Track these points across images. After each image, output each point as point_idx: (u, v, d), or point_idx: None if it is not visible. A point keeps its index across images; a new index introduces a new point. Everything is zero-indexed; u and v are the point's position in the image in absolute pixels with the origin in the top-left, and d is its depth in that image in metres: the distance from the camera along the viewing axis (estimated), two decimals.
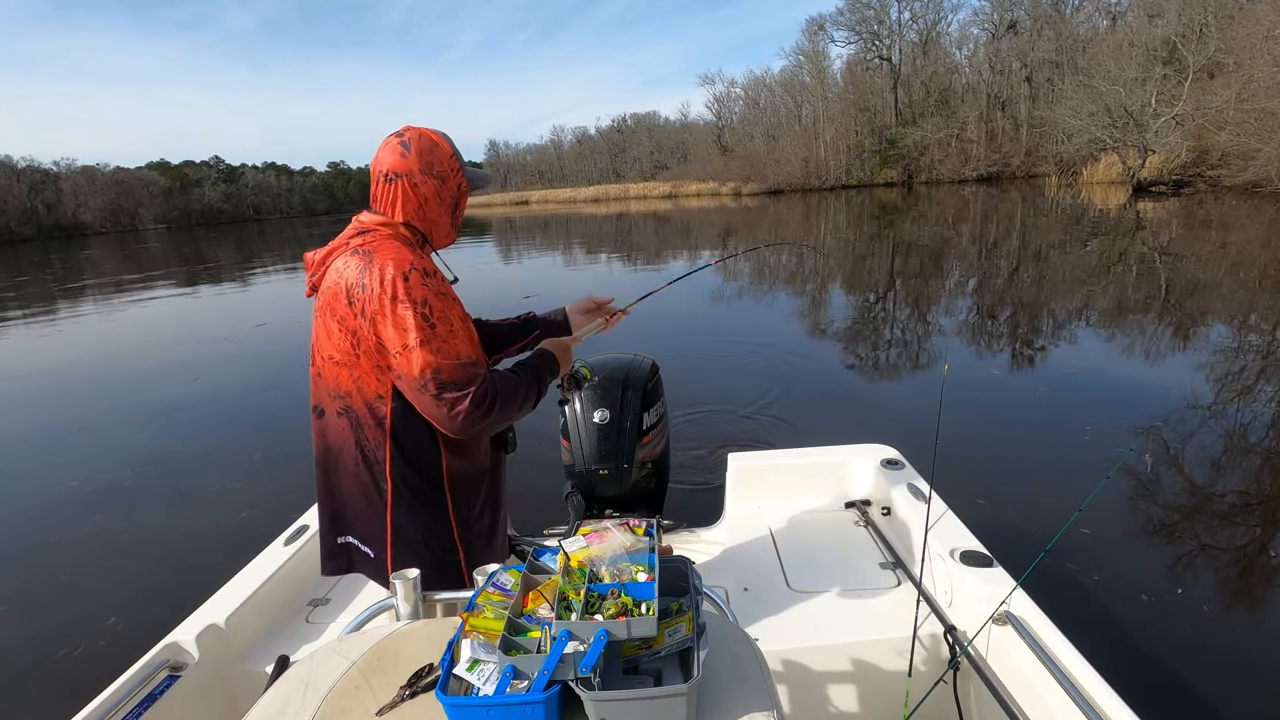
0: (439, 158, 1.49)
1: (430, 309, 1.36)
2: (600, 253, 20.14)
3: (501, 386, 1.43)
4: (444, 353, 1.36)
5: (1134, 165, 26.96)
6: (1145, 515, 3.63)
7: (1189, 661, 2.60)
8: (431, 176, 1.48)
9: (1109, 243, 14.33)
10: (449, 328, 1.39)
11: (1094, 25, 42.15)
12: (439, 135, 1.52)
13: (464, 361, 1.39)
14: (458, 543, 1.58)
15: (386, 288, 1.35)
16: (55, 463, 5.74)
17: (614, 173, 77.69)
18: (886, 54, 50.76)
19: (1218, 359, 6.27)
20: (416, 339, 1.34)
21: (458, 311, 1.46)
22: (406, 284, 1.35)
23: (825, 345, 7.98)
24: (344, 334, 1.41)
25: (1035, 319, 8.59)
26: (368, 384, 1.44)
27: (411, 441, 1.48)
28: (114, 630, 3.27)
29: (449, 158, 1.51)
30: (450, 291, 1.47)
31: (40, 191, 75.33)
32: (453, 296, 1.46)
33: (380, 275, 1.36)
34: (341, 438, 1.51)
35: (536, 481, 3.30)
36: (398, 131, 1.50)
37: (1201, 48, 27.09)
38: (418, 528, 1.54)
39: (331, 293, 1.43)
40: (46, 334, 12.76)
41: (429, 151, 1.48)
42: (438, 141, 1.50)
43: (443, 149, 1.50)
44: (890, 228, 21.61)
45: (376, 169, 1.49)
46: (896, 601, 2.07)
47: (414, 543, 1.55)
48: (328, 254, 1.49)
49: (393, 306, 1.35)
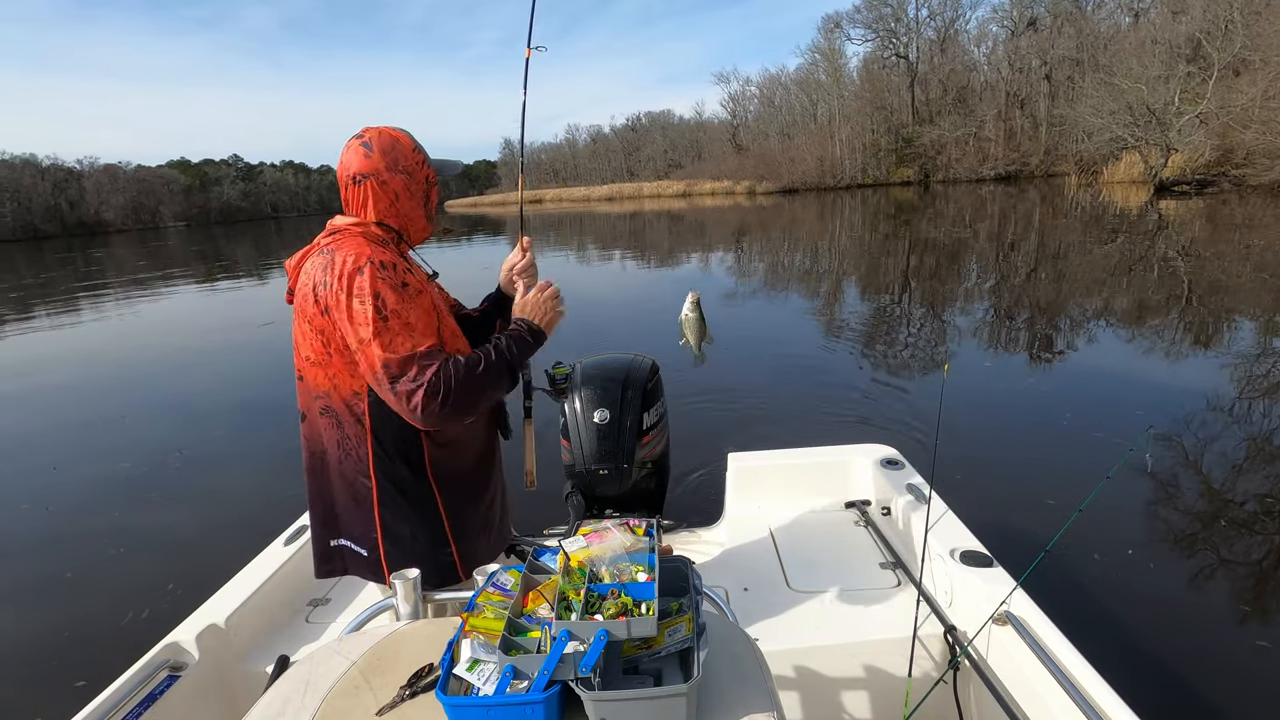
0: (402, 153, 1.50)
1: (384, 302, 1.36)
2: (614, 251, 20.14)
3: (458, 373, 1.38)
4: (394, 346, 1.35)
5: (1156, 164, 26.54)
6: (1146, 515, 3.61)
7: (1189, 661, 2.58)
8: (398, 172, 1.49)
9: (1127, 243, 14.13)
10: (403, 320, 1.37)
11: (1116, 22, 41.56)
12: (399, 131, 1.53)
13: (415, 353, 1.36)
14: (450, 537, 1.56)
15: (343, 283, 1.36)
16: (80, 454, 5.84)
17: (628, 171, 77.63)
18: (903, 52, 50.33)
19: (1227, 361, 6.19)
20: (370, 333, 1.34)
21: (423, 304, 1.42)
22: (361, 278, 1.36)
23: (826, 345, 7.95)
24: (315, 333, 1.43)
25: (1038, 319, 8.53)
26: (343, 381, 1.45)
27: (391, 436, 1.47)
28: (134, 619, 3.32)
29: (412, 151, 1.51)
30: (416, 283, 1.44)
31: (64, 189, 76.63)
32: (417, 289, 1.43)
33: (339, 271, 1.37)
34: (326, 438, 1.51)
35: (536, 481, 3.31)
36: (358, 134, 1.51)
37: (1227, 44, 26.59)
38: (406, 524, 1.53)
39: (302, 294, 1.45)
40: (64, 328, 12.99)
41: (391, 149, 1.49)
42: (398, 137, 1.51)
43: (404, 144, 1.51)
44: (905, 227, 21.45)
45: (343, 173, 1.50)
46: (896, 601, 2.06)
47: (404, 540, 1.54)
48: (302, 257, 1.50)
49: (348, 302, 1.36)
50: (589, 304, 10.88)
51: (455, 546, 1.56)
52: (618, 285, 13.09)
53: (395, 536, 1.53)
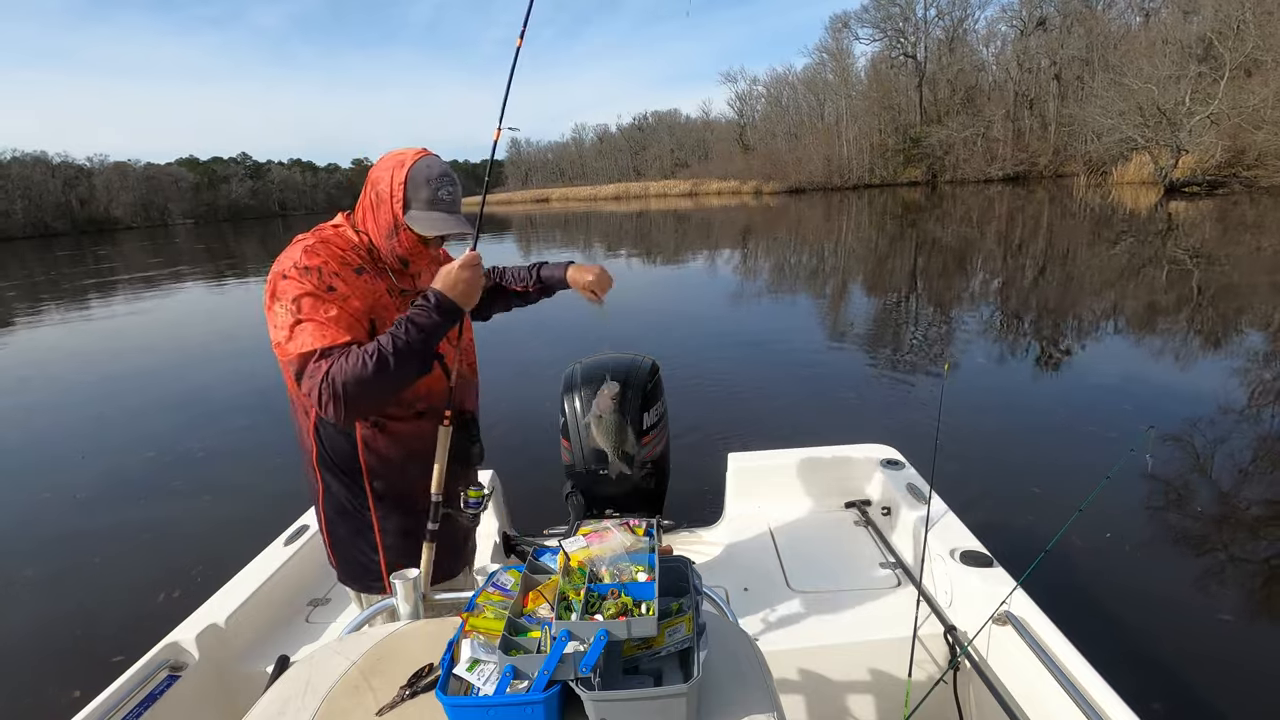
0: (385, 176, 1.44)
1: (300, 305, 1.34)
2: (619, 250, 20.14)
3: (353, 365, 1.31)
4: (301, 344, 1.33)
5: (1166, 165, 26.34)
6: (1146, 515, 3.60)
7: (1189, 661, 2.58)
8: (374, 190, 1.46)
9: (1136, 245, 14.04)
10: (317, 321, 1.34)
11: (1126, 22, 41.26)
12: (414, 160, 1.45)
13: (316, 350, 1.32)
14: (378, 544, 1.54)
15: (271, 285, 1.38)
16: (94, 450, 5.88)
17: (634, 170, 77.60)
18: (912, 51, 50.13)
19: (1233, 364, 6.16)
20: (285, 335, 1.34)
21: (349, 306, 1.38)
22: (285, 281, 1.36)
23: (827, 345, 7.95)
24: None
25: (1040, 320, 8.51)
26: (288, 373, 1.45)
27: (329, 434, 1.48)
28: (136, 616, 3.34)
29: (398, 185, 1.43)
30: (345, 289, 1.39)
31: (74, 187, 77.17)
32: (346, 294, 1.38)
33: (272, 272, 1.39)
34: (295, 429, 1.55)
35: (536, 481, 3.32)
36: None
37: (1239, 44, 26.37)
38: (341, 522, 1.54)
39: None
40: (76, 322, 13.09)
41: (385, 166, 1.46)
42: (401, 163, 1.44)
43: (396, 173, 1.44)
44: (911, 228, 21.36)
45: None
46: (896, 601, 2.06)
47: (341, 539, 1.55)
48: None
49: (271, 303, 1.37)
50: (590, 303, 10.86)
51: (382, 554, 1.54)
52: (619, 285, 13.03)
53: (334, 533, 1.55)
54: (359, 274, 1.43)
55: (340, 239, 1.46)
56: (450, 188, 1.46)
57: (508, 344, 7.93)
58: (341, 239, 1.46)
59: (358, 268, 1.44)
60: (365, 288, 1.43)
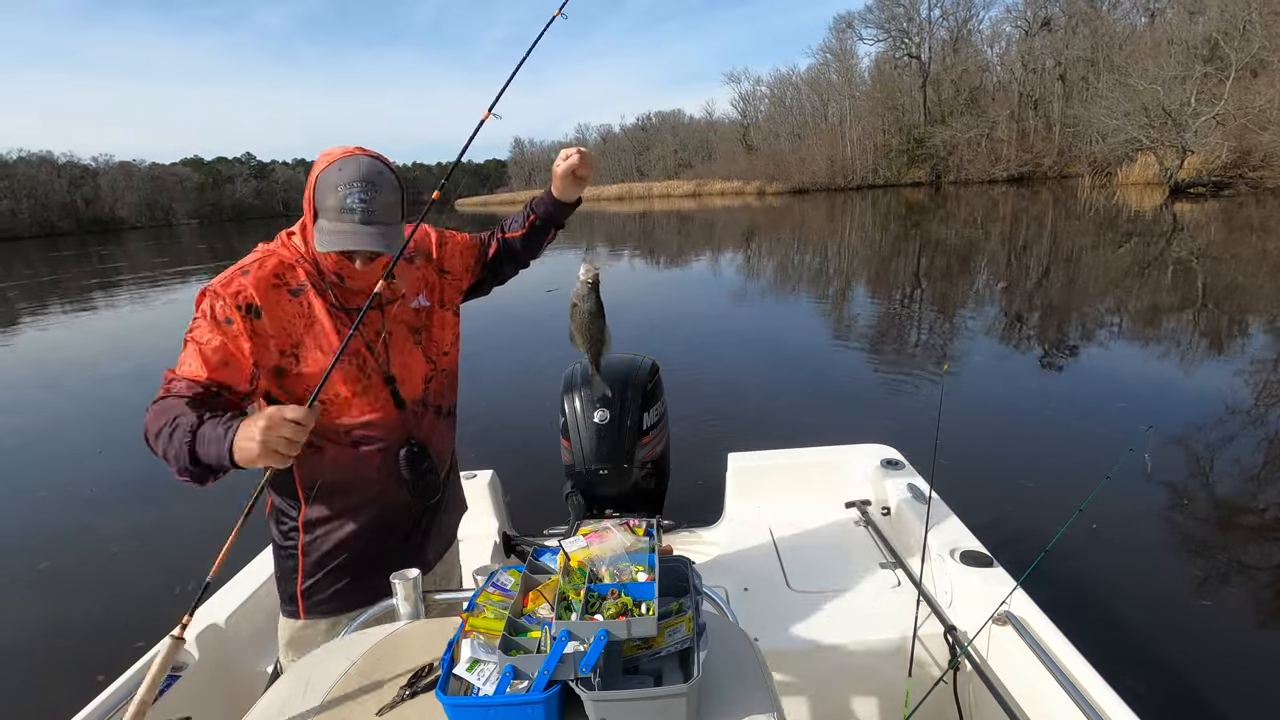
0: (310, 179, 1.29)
1: (194, 329, 1.27)
2: (621, 250, 20.14)
3: (157, 405, 1.22)
4: (179, 359, 1.27)
5: (1171, 166, 26.24)
6: (1146, 515, 3.61)
7: (1189, 661, 2.58)
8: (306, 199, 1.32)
9: (1140, 245, 14.00)
10: (194, 346, 1.25)
11: (1131, 22, 41.13)
12: (326, 163, 1.27)
13: (166, 377, 1.26)
14: (299, 570, 1.45)
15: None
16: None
17: (638, 171, 77.58)
18: (916, 52, 50.02)
19: (1235, 365, 6.14)
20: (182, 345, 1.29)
21: (237, 344, 1.26)
22: (202, 296, 1.29)
23: (827, 345, 7.96)
24: None
25: (1041, 320, 8.51)
26: None
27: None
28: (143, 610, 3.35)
29: (310, 190, 1.29)
30: (240, 326, 1.26)
31: (79, 187, 77.49)
32: (239, 332, 1.26)
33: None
34: None
35: (536, 481, 3.32)
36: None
37: (1245, 45, 26.26)
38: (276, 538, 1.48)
39: None
40: (84, 318, 13.14)
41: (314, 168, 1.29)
42: (319, 170, 1.27)
43: (312, 177, 1.29)
44: (915, 228, 21.34)
45: None
46: (896, 601, 2.05)
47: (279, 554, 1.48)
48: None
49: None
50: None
51: (300, 581, 1.45)
52: (621, 285, 13.08)
53: (274, 547, 1.50)
54: (296, 295, 1.32)
55: (289, 250, 1.35)
56: (364, 195, 1.23)
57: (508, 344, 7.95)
58: (290, 250, 1.35)
59: (295, 288, 1.32)
60: (293, 313, 1.31)
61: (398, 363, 1.43)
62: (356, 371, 1.37)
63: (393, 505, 1.47)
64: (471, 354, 5.56)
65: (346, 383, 1.36)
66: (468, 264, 1.62)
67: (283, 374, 1.33)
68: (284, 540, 1.46)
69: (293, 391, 1.33)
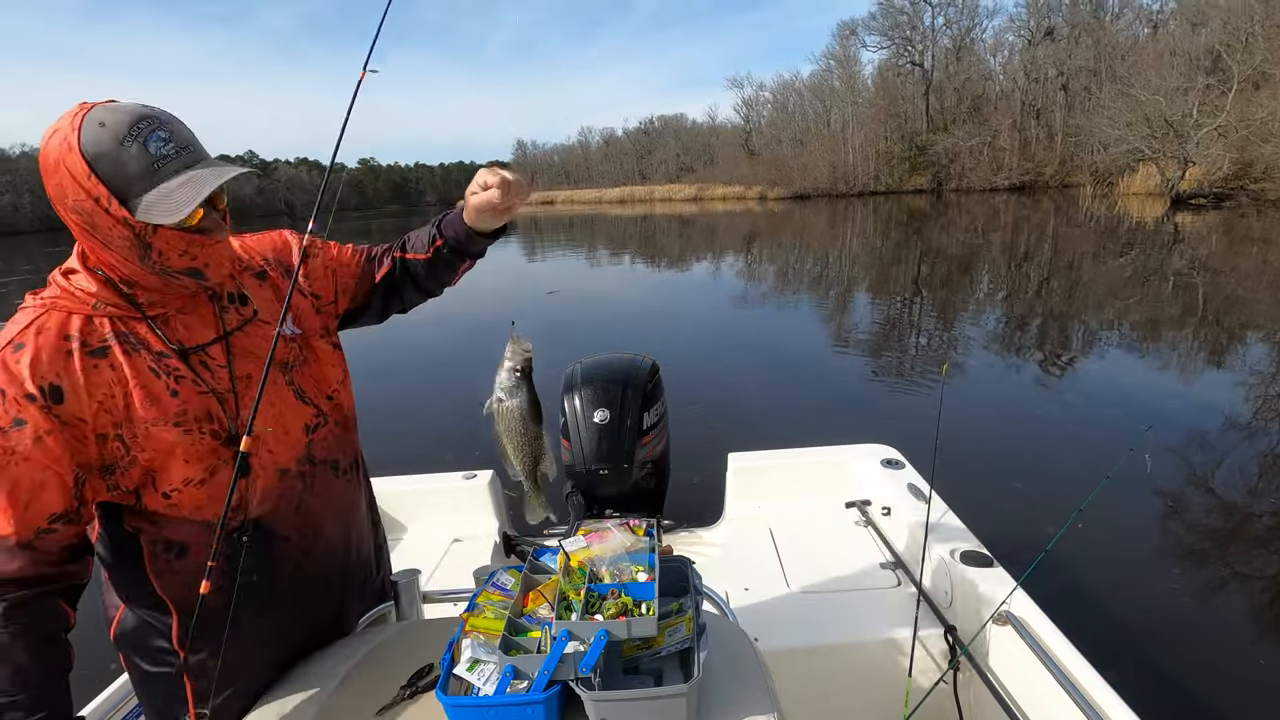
0: (63, 181, 0.95)
1: None
2: (622, 253, 20.17)
3: None
4: None
5: (1173, 177, 26.28)
6: (1146, 516, 3.61)
7: (1189, 661, 2.58)
8: (71, 210, 0.98)
9: (1141, 255, 14.03)
10: None
11: (1134, 33, 41.23)
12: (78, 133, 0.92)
13: None
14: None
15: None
16: None
17: (640, 174, 77.69)
18: (919, 59, 50.15)
19: (1234, 374, 6.17)
20: None
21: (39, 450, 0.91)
22: None
23: (827, 346, 7.99)
24: None
25: (1042, 325, 8.54)
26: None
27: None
28: None
29: (87, 180, 0.93)
30: (40, 417, 0.91)
31: None
32: (40, 432, 0.91)
33: None
34: None
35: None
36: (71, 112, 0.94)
37: (1247, 57, 26.33)
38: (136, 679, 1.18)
39: None
40: None
41: (52, 166, 0.95)
42: (69, 148, 0.92)
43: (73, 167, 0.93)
44: (916, 235, 21.37)
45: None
46: (896, 601, 2.05)
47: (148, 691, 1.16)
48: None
49: None
50: (592, 304, 10.93)
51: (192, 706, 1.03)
52: (622, 285, 13.10)
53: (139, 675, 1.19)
54: (100, 356, 0.96)
55: (73, 300, 0.98)
56: (162, 131, 0.93)
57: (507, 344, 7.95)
58: (75, 299, 0.98)
59: (96, 348, 0.96)
60: (104, 380, 0.96)
61: (266, 414, 1.06)
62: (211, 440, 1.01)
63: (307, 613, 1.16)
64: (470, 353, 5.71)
65: (193, 461, 1.01)
66: (344, 285, 1.27)
67: (111, 470, 0.97)
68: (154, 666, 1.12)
69: (131, 489, 0.99)
